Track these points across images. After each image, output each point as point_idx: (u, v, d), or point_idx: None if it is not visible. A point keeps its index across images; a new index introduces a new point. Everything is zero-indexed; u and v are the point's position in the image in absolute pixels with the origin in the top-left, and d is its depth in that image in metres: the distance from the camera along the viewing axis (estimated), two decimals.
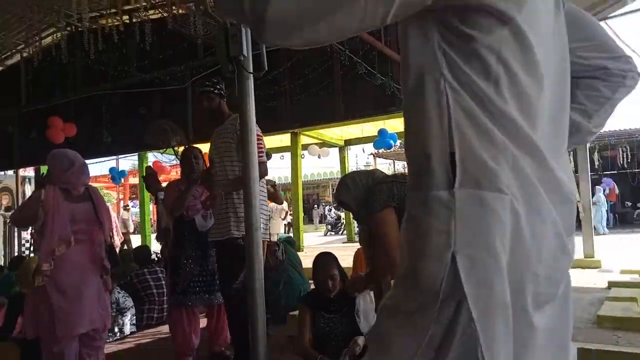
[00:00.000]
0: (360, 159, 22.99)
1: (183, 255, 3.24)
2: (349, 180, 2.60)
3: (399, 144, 12.70)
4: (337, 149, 14.30)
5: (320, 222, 22.72)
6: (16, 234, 10.55)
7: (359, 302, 2.66)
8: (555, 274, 0.90)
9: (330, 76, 7.93)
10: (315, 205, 25.17)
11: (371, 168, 14.20)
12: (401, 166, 23.04)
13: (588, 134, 1.10)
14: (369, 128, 11.62)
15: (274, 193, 5.38)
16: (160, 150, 9.08)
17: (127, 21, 9.33)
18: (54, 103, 9.96)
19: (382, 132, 9.98)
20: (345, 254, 5.39)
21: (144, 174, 4.78)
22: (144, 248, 6.06)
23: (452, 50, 0.82)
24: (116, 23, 8.83)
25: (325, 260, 2.80)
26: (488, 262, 0.80)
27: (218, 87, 3.11)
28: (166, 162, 11.45)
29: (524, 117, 0.83)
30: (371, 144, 11.87)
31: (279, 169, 19.70)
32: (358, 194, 2.49)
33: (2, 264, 8.11)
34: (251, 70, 2.62)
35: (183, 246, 3.25)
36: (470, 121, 0.81)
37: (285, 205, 12.62)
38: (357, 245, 8.24)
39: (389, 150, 15.71)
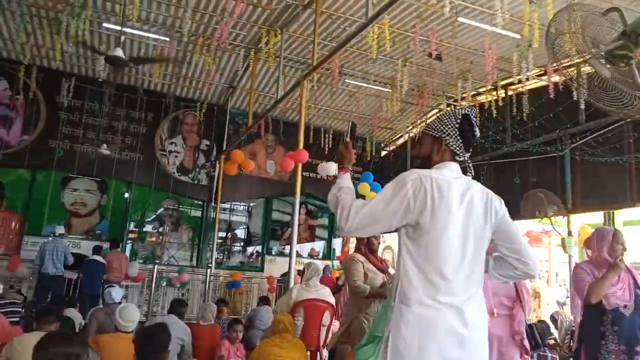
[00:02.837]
0: None
1: (604, 350, 2.88)
2: None
3: None
4: None
5: None
6: None
7: None
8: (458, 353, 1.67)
9: None
10: None
11: None
12: None
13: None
14: None
15: None
16: (536, 220, 8.82)
17: (503, 95, 9.75)
18: None
19: None
20: None
21: None
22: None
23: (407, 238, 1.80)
24: (493, 98, 9.35)
25: None
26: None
27: None
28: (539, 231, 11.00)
29: (432, 268, 1.71)
30: None
31: None
32: None
33: None
34: None
35: (603, 337, 2.91)
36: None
37: None
38: None
39: None
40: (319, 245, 13.46)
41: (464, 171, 1.90)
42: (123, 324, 3.71)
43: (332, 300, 5.05)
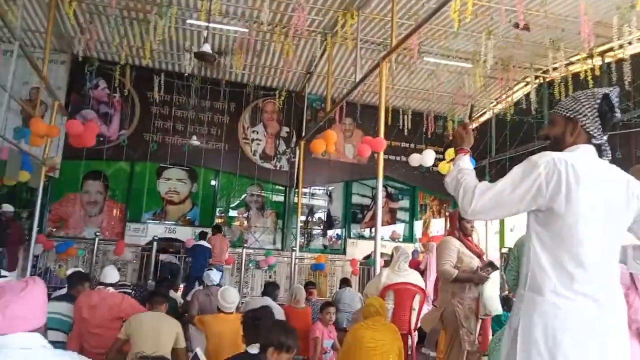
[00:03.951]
0: None
1: None
2: None
3: None
4: None
5: None
6: None
7: None
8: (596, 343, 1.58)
9: None
10: None
11: None
12: None
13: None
14: None
15: None
16: None
17: (600, 63, 8.98)
18: (522, 152, 10.62)
19: None
20: None
21: None
22: None
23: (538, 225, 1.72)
24: (589, 67, 8.65)
25: None
26: None
27: None
28: None
29: (568, 256, 1.63)
30: None
31: None
32: None
33: None
34: None
35: None
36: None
37: None
38: None
39: None
40: (400, 228, 13.35)
41: (600, 154, 1.78)
42: (225, 306, 3.95)
43: (422, 284, 5.02)
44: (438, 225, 13.44)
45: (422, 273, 6.43)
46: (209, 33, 8.09)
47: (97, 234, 9.82)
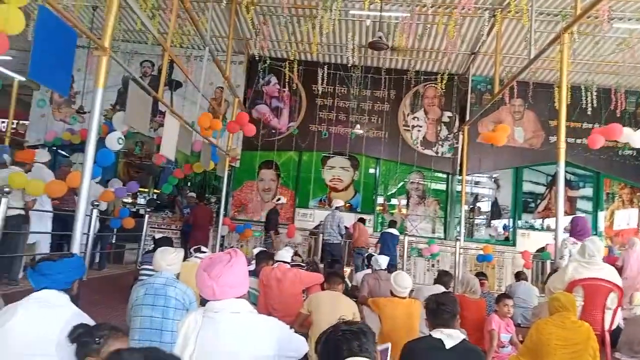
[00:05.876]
0: None
1: None
2: None
3: None
4: None
5: None
6: None
7: None
8: None
9: None
10: None
11: None
12: None
13: None
14: None
15: None
16: None
17: None
18: None
19: None
20: None
21: None
22: None
23: None
24: None
25: None
26: None
27: None
28: None
29: None
30: None
31: None
32: None
33: None
34: None
35: None
36: None
37: None
38: None
39: None
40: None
41: None
42: (399, 290, 3.98)
43: (618, 280, 4.42)
44: (628, 217, 11.67)
45: (619, 271, 5.63)
46: (372, 22, 8.18)
47: None
